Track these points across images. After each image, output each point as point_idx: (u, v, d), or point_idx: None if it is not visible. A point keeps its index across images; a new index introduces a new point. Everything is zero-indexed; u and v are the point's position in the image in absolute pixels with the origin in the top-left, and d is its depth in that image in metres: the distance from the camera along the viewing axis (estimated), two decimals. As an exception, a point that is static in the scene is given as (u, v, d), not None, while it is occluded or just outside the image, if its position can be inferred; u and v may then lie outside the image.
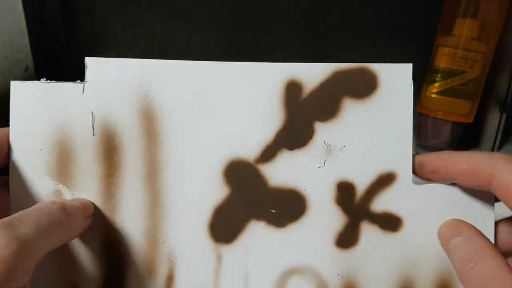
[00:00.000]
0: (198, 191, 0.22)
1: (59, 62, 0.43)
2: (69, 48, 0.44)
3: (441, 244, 0.20)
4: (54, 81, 0.21)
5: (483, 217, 0.21)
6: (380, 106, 0.22)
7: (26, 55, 0.37)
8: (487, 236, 0.20)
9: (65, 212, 0.19)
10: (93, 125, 0.21)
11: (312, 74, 0.22)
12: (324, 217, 0.22)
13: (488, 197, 0.21)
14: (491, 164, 0.18)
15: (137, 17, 0.45)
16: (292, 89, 0.22)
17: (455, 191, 0.21)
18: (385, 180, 0.22)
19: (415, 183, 0.22)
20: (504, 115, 0.45)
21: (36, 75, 0.21)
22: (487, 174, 0.18)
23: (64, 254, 0.22)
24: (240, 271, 0.22)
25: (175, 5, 0.45)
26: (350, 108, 0.22)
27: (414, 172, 0.21)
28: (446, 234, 0.20)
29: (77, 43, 0.45)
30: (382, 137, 0.22)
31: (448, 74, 0.43)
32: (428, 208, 0.21)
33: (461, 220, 0.20)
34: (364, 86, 0.22)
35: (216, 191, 0.22)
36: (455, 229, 0.20)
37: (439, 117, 0.44)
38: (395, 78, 0.22)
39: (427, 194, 0.21)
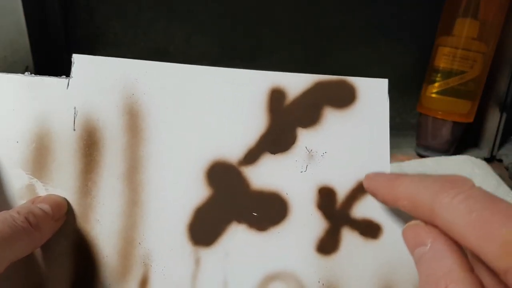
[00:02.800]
0: (179, 191, 0.22)
1: (59, 62, 0.43)
2: (69, 48, 0.44)
3: (406, 246, 0.18)
4: (39, 75, 0.21)
5: None
6: (359, 117, 0.22)
7: (26, 55, 0.37)
8: None
9: (30, 223, 0.18)
10: (74, 120, 0.21)
11: (295, 83, 0.22)
12: (305, 221, 0.22)
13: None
14: (431, 200, 0.16)
15: (137, 17, 0.45)
16: (276, 96, 0.22)
17: None
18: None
19: None
20: (504, 115, 0.45)
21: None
22: (429, 211, 0.16)
23: (29, 257, 0.21)
24: (219, 276, 0.22)
25: (175, 5, 0.45)
26: (331, 117, 0.22)
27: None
28: (411, 240, 0.18)
29: (77, 43, 0.45)
30: (361, 146, 0.22)
31: (448, 74, 0.43)
32: (407, 216, 0.22)
33: (427, 226, 0.17)
34: (344, 97, 0.22)
35: (197, 192, 0.22)
36: (420, 236, 0.17)
37: (439, 117, 0.44)
38: (372, 92, 0.22)
39: None
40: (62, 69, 0.23)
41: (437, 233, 0.16)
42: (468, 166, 0.39)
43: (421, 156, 0.46)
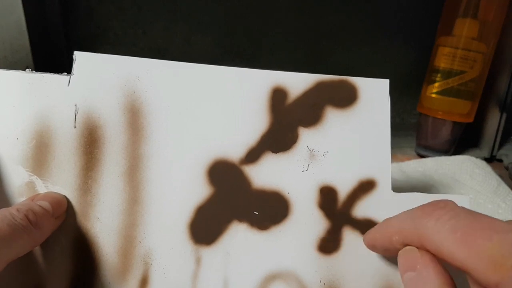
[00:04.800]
0: (180, 189, 0.21)
1: (59, 62, 0.43)
2: (69, 48, 0.44)
3: (399, 271, 0.18)
4: (39, 72, 0.21)
5: None
6: (360, 117, 0.22)
7: (26, 55, 0.37)
8: None
9: (30, 221, 0.18)
10: (75, 117, 0.21)
11: (297, 82, 0.22)
12: (306, 220, 0.22)
13: (465, 203, 0.21)
14: (417, 226, 0.17)
15: (137, 17, 0.45)
16: (278, 95, 0.22)
17: (432, 199, 0.22)
18: (365, 187, 0.22)
19: (394, 190, 0.22)
20: (504, 115, 0.45)
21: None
22: (417, 237, 0.17)
23: (29, 255, 0.20)
24: (219, 275, 0.21)
25: (175, 5, 0.45)
26: (332, 116, 0.22)
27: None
28: (402, 264, 0.18)
29: (77, 43, 0.45)
30: (362, 146, 0.22)
31: (448, 74, 0.43)
32: None
33: (418, 251, 0.17)
34: (345, 97, 0.22)
35: (198, 190, 0.22)
36: (409, 261, 0.17)
37: (439, 117, 0.44)
38: (373, 92, 0.22)
39: (406, 202, 0.21)
40: (62, 69, 0.22)
41: (427, 259, 0.17)
42: (468, 166, 0.39)
43: (421, 156, 0.46)
